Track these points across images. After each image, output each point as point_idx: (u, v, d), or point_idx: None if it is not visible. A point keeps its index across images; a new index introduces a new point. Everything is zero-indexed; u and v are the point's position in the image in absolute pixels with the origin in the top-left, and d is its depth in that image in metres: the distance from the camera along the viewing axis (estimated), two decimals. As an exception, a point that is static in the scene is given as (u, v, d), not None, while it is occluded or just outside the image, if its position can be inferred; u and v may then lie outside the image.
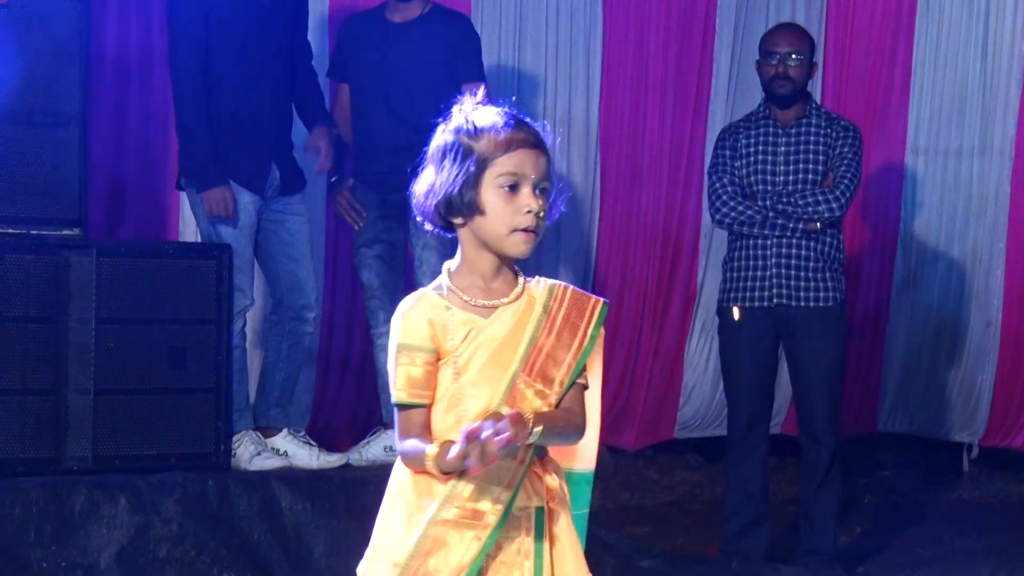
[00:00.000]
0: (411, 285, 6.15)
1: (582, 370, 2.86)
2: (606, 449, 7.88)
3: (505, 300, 2.83)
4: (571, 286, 2.91)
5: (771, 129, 6.01)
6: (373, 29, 6.10)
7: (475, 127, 2.81)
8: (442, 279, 2.86)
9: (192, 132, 5.67)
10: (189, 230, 6.43)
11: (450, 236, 2.91)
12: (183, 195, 6.14)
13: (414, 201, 2.88)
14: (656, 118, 7.74)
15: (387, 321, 6.06)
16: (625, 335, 7.76)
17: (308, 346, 6.06)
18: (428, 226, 2.89)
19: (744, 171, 6.00)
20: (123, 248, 5.50)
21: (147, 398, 5.41)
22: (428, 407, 2.81)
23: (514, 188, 2.78)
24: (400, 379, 2.80)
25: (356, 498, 5.46)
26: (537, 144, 2.81)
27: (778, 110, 6.03)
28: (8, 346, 5.21)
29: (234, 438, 5.66)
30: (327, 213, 6.61)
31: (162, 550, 5.12)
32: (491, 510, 2.75)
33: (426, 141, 2.91)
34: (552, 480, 2.84)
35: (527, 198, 2.78)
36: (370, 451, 5.98)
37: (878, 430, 8.06)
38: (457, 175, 2.78)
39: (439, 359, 2.80)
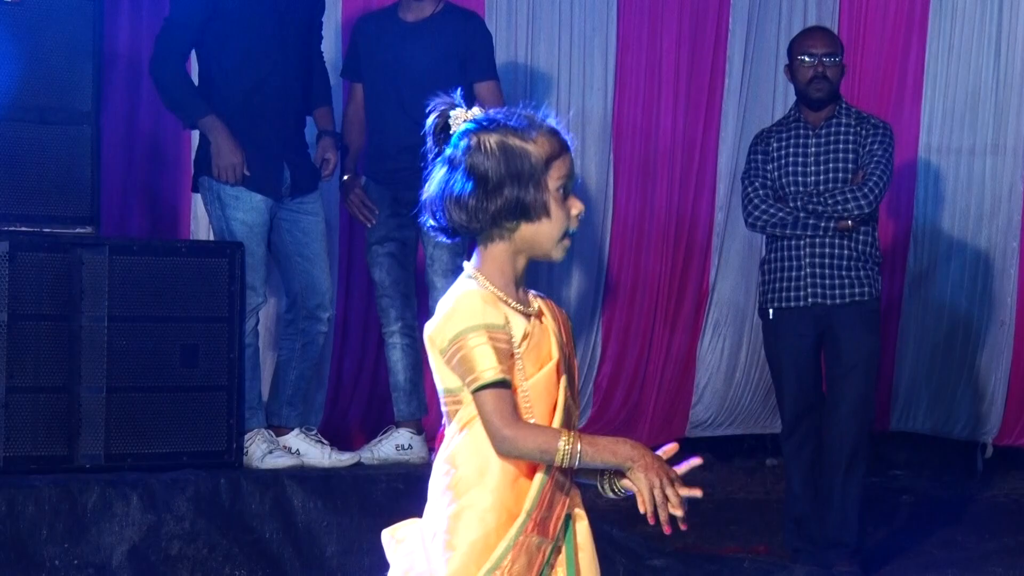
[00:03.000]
0: (422, 283, 6.16)
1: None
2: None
3: (531, 309, 2.81)
4: (546, 297, 2.90)
5: (801, 131, 6.05)
6: (386, 28, 6.11)
7: (527, 130, 2.77)
8: (480, 280, 2.77)
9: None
10: (202, 228, 6.43)
11: (453, 241, 2.85)
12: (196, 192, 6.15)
13: (432, 202, 2.79)
14: (669, 117, 7.73)
15: (398, 319, 6.08)
16: (637, 334, 7.76)
17: (322, 346, 6.05)
18: (442, 239, 2.82)
19: (776, 174, 6.04)
20: (136, 246, 5.51)
21: (159, 396, 5.42)
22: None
23: (566, 191, 2.78)
24: (489, 357, 2.67)
25: (368, 497, 5.47)
26: (570, 147, 2.82)
27: (809, 112, 6.06)
28: (21, 344, 5.21)
29: (246, 436, 5.66)
30: (342, 212, 6.61)
31: (174, 548, 5.12)
32: (554, 521, 2.76)
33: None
34: (576, 489, 2.84)
35: (576, 201, 2.80)
36: (382, 450, 5.98)
37: (890, 429, 8.04)
38: (524, 176, 2.73)
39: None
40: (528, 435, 2.68)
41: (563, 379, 2.79)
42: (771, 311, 6.06)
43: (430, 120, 2.84)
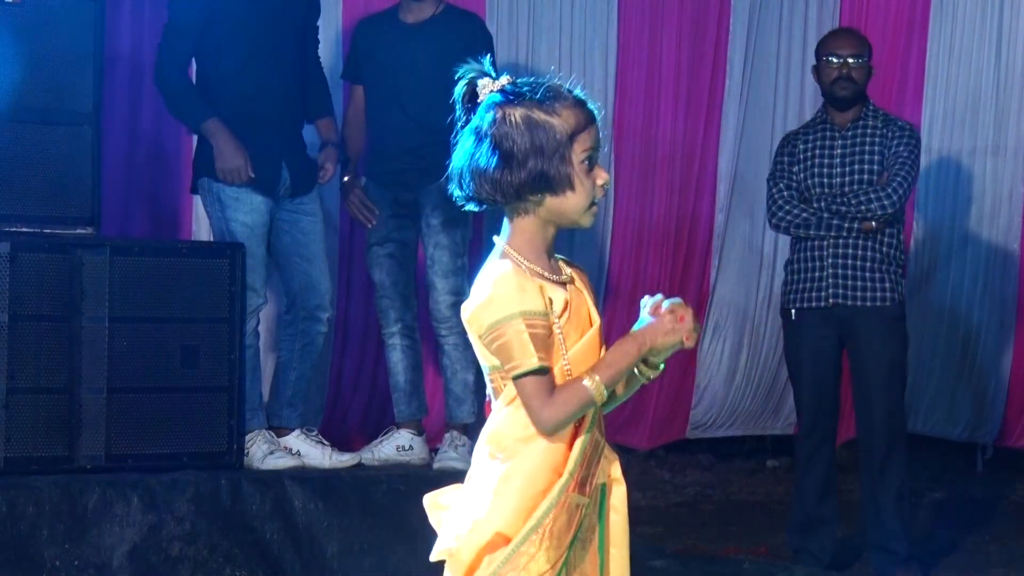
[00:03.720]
0: (422, 284, 6.16)
1: None
2: (617, 448, 7.87)
3: (564, 277, 2.83)
4: (568, 260, 2.93)
5: (828, 132, 6.06)
6: (386, 30, 6.11)
7: (553, 103, 2.83)
8: (513, 256, 2.78)
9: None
10: (202, 229, 6.44)
11: (477, 210, 2.85)
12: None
13: (459, 172, 2.80)
14: (669, 118, 7.73)
15: (398, 320, 6.08)
16: (638, 335, 7.75)
17: (321, 346, 6.05)
18: (471, 206, 2.82)
19: (802, 175, 6.05)
20: (136, 247, 5.51)
21: (160, 397, 5.42)
22: None
23: (591, 162, 2.81)
24: (530, 345, 2.69)
25: (368, 497, 5.47)
26: (596, 117, 2.87)
27: (836, 113, 6.07)
28: (22, 344, 5.22)
29: (247, 437, 5.66)
30: (341, 213, 6.61)
31: (175, 549, 5.13)
32: (592, 481, 2.80)
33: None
34: (611, 454, 2.87)
35: (601, 171, 2.83)
36: (382, 451, 5.98)
37: (891, 431, 8.03)
38: (548, 150, 2.77)
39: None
40: (563, 402, 2.72)
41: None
42: (793, 311, 6.06)
43: (459, 88, 2.92)
